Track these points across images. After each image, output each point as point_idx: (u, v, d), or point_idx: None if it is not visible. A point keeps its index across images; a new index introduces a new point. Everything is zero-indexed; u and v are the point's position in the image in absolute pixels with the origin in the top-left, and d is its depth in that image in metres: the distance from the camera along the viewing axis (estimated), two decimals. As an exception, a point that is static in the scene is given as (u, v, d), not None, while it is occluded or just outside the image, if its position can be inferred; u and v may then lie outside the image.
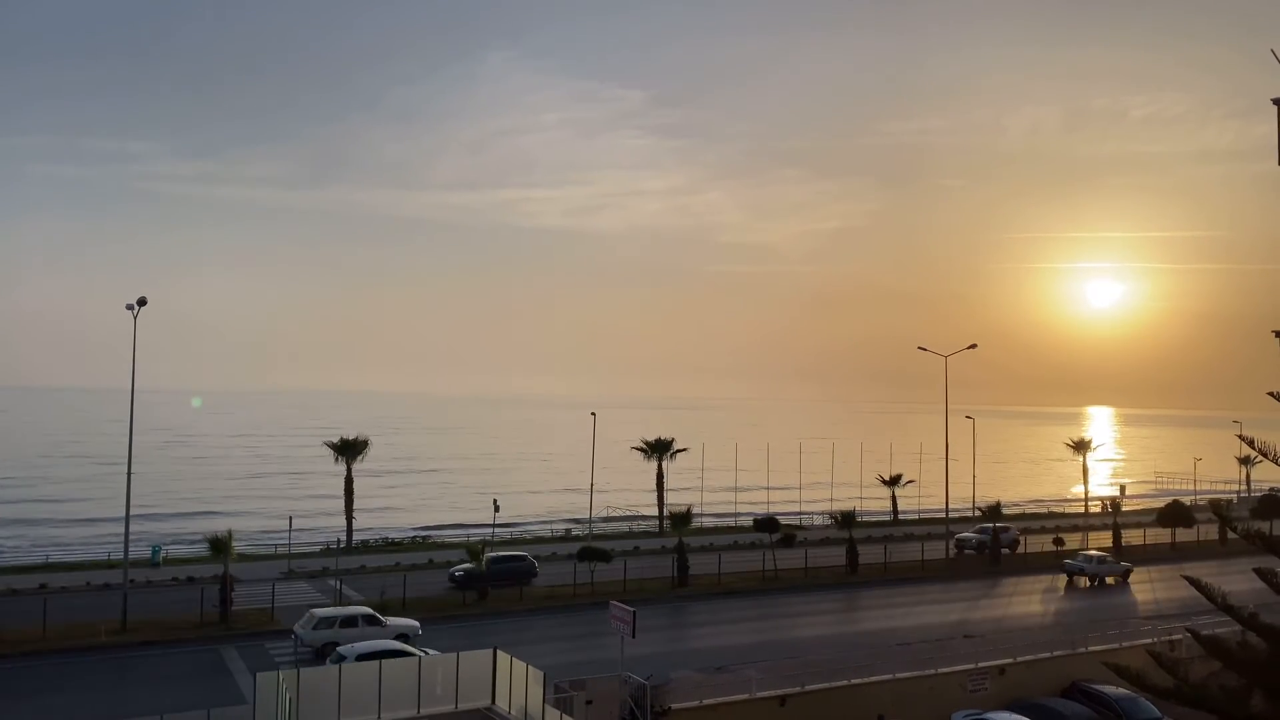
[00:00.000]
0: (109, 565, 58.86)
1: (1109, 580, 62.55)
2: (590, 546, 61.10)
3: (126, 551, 48.14)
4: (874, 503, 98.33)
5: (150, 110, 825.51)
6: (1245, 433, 29.15)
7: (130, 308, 45.68)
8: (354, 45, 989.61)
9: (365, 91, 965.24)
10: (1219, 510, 36.13)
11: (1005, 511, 78.41)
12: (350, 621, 39.93)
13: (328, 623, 39.86)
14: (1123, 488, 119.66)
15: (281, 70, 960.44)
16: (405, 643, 36.88)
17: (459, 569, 53.86)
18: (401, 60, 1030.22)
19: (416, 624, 41.81)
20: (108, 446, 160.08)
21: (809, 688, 34.74)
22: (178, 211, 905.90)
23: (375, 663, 28.97)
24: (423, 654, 33.34)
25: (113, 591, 48.21)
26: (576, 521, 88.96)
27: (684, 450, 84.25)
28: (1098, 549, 68.88)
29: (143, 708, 30.98)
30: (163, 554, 62.74)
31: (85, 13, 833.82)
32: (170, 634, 42.69)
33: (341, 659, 33.59)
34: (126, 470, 47.49)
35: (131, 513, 48.70)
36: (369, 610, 41.33)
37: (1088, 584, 62.11)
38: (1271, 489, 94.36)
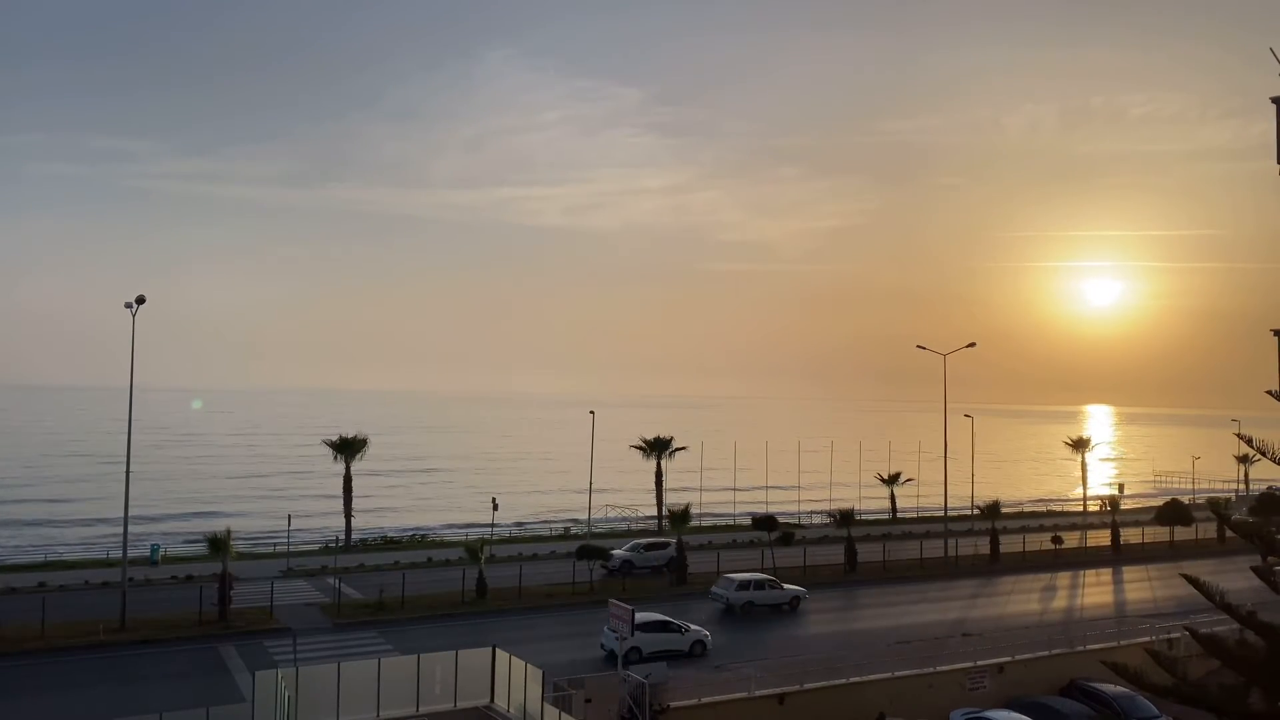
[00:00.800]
0: (108, 564, 58.83)
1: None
2: (589, 545, 61.14)
3: (125, 550, 48.09)
4: (873, 501, 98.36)
5: (148, 109, 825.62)
6: (1243, 431, 29.11)
7: (129, 306, 45.64)
8: (352, 44, 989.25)
9: (364, 90, 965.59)
10: (1217, 509, 36.13)
11: (1004, 510, 78.42)
12: (759, 585, 51.00)
13: (744, 586, 50.51)
14: (1121, 486, 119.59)
15: (280, 69, 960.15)
16: (796, 604, 51.20)
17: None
18: (400, 59, 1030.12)
19: (805, 590, 52.43)
20: (106, 445, 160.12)
21: (808, 686, 34.75)
22: (176, 210, 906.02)
23: (374, 661, 29.00)
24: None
25: (111, 590, 48.21)
26: (575, 520, 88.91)
27: (683, 449, 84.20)
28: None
29: (142, 706, 30.98)
30: (161, 552, 62.70)
31: (83, 12, 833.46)
32: (169, 632, 42.67)
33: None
34: (125, 468, 47.48)
35: (130, 512, 48.67)
36: (771, 577, 52.51)
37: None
38: (1270, 487, 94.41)
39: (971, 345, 74.90)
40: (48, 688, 35.64)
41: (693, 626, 42.30)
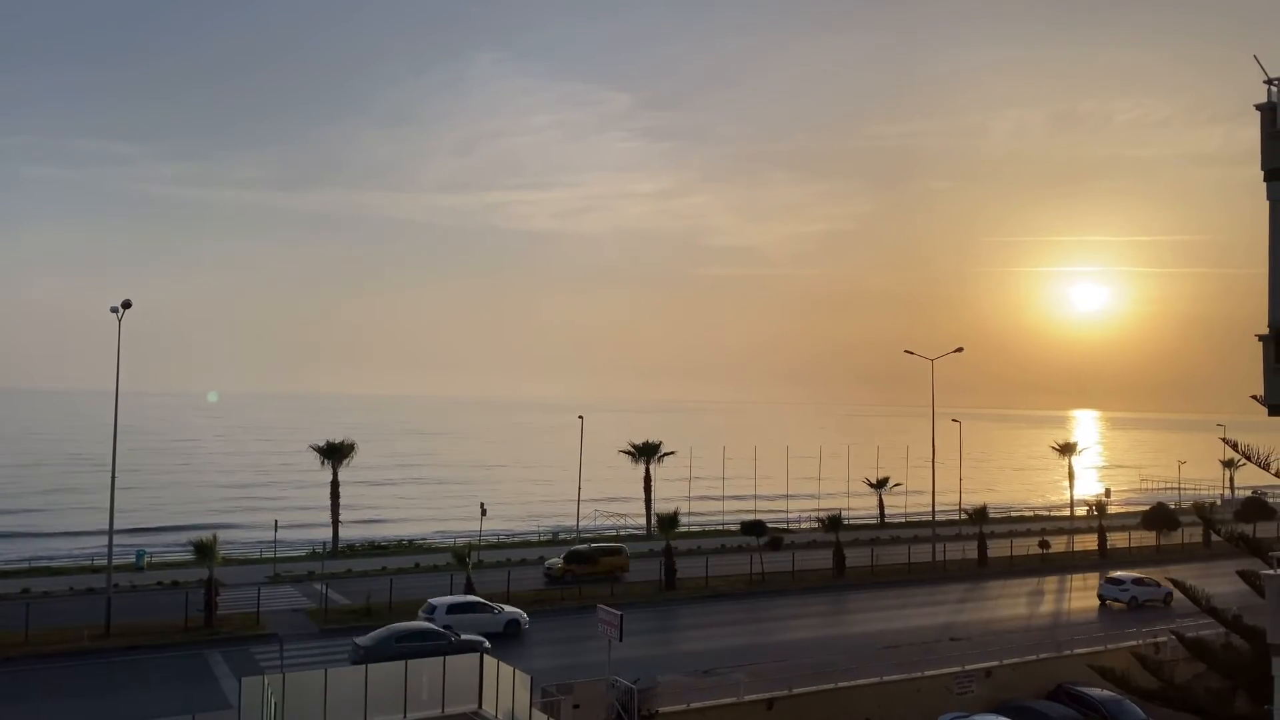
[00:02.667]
0: (92, 569, 58.45)
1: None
2: (577, 550, 61.05)
3: (110, 555, 47.82)
4: (861, 505, 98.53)
5: (138, 112, 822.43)
6: (1229, 436, 29.31)
7: (114, 311, 45.40)
8: (343, 48, 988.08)
9: (355, 94, 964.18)
10: (1203, 513, 36.36)
11: (992, 515, 78.63)
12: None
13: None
14: (1108, 491, 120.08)
15: (270, 73, 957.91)
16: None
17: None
18: (390, 63, 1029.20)
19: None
20: (93, 450, 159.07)
21: (796, 691, 34.77)
22: (166, 213, 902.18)
23: (361, 668, 28.90)
24: None
25: (97, 596, 47.86)
26: (564, 526, 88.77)
27: (672, 453, 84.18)
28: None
29: (127, 713, 30.84)
30: (147, 558, 62.33)
31: (74, 16, 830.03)
32: (155, 638, 42.39)
33: None
34: (110, 473, 47.21)
35: (116, 517, 48.41)
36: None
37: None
38: (1255, 492, 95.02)
39: (959, 350, 75.19)
40: (32, 695, 35.35)
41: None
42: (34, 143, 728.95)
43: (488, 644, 39.04)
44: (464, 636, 39.76)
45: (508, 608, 45.92)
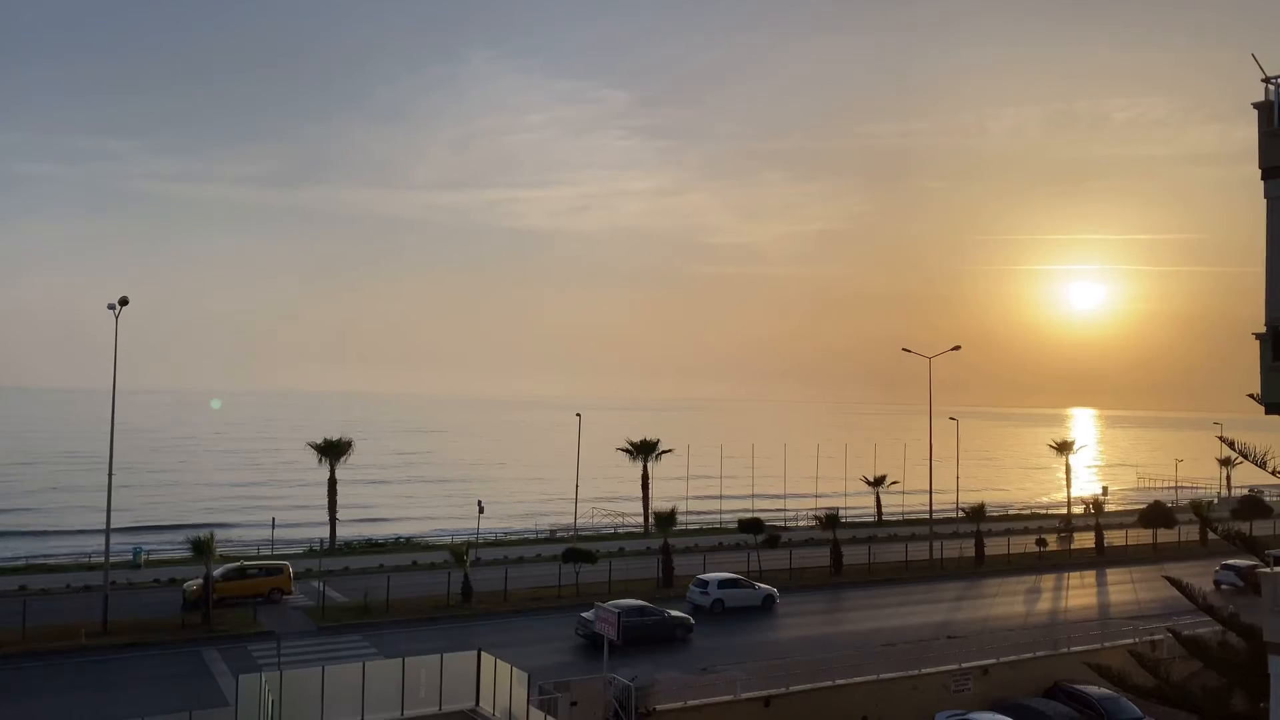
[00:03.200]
0: (89, 567, 58.40)
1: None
2: (575, 548, 61.02)
3: (108, 553, 47.78)
4: (858, 502, 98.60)
5: (132, 109, 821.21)
6: (1226, 434, 29.36)
7: (111, 308, 45.34)
8: (338, 45, 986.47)
9: (349, 91, 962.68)
10: (1200, 511, 36.40)
11: (989, 513, 78.72)
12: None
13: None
14: (1105, 489, 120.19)
15: (265, 69, 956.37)
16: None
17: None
18: (385, 60, 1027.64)
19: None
20: (88, 448, 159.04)
21: (793, 689, 34.78)
22: (160, 211, 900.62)
23: (358, 664, 28.87)
24: None
25: (94, 593, 47.86)
26: (561, 523, 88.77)
27: (669, 451, 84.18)
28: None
29: (124, 710, 30.80)
30: (144, 555, 62.29)
31: (66, 11, 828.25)
32: (152, 636, 42.35)
33: None
34: (108, 470, 47.18)
35: (113, 514, 48.37)
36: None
37: None
38: (1251, 489, 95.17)
39: (956, 349, 75.24)
40: (29, 692, 35.32)
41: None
42: (27, 139, 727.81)
43: (692, 621, 45.39)
44: (672, 613, 44.89)
45: (764, 585, 52.90)
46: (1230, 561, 60.59)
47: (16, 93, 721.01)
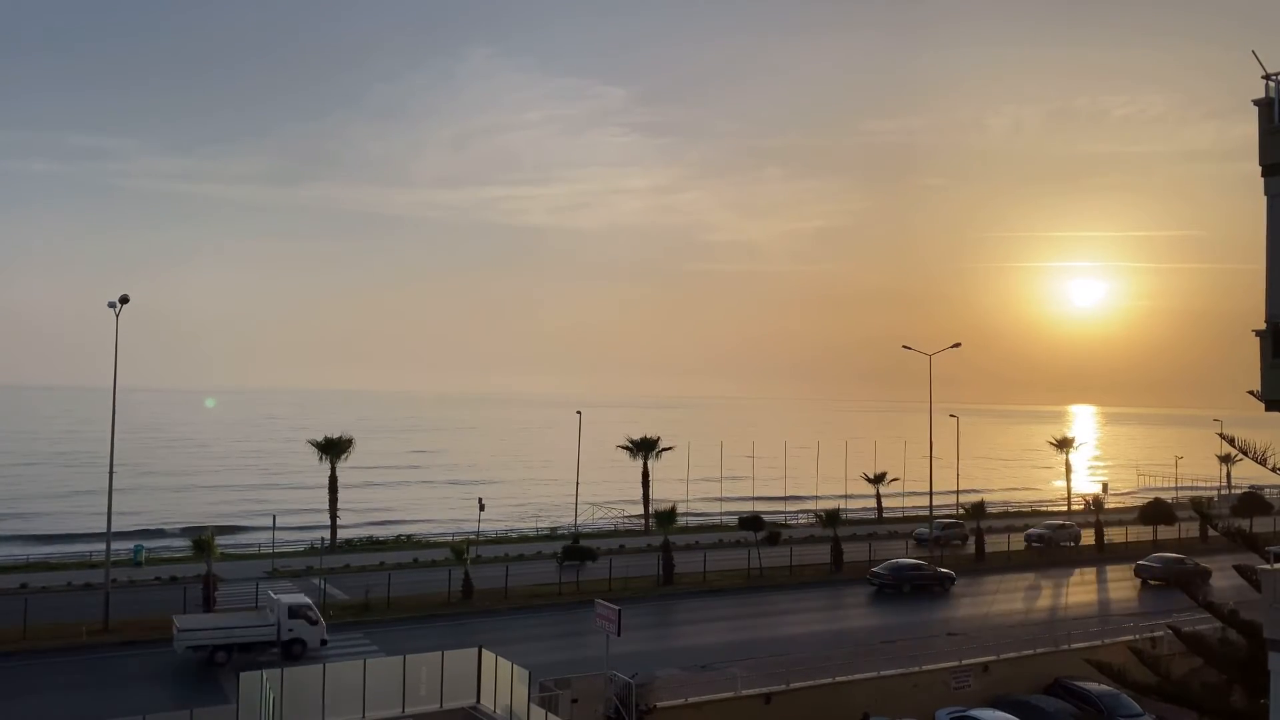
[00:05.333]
0: (91, 565, 58.43)
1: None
2: (575, 545, 61.12)
3: (109, 551, 47.82)
4: (859, 500, 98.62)
5: (128, 106, 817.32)
6: (1226, 431, 29.34)
7: (112, 306, 45.35)
8: (335, 42, 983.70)
9: (347, 88, 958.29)
10: (1200, 508, 36.41)
11: (989, 510, 78.78)
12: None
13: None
14: (1105, 485, 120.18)
15: (262, 67, 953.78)
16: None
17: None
18: (383, 57, 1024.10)
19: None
20: (85, 446, 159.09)
21: (794, 685, 34.81)
22: (158, 209, 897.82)
23: (359, 662, 28.91)
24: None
25: (95, 591, 47.89)
26: (562, 521, 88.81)
27: (669, 449, 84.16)
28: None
29: (125, 708, 30.82)
30: (145, 554, 62.35)
31: (63, 8, 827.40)
32: (153, 634, 42.31)
33: None
34: (109, 469, 47.19)
35: (114, 513, 48.41)
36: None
37: None
38: (1251, 487, 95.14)
39: (957, 345, 75.17)
40: (30, 689, 35.39)
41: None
42: (26, 137, 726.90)
43: (954, 575, 57.96)
44: (941, 570, 57.78)
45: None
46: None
47: (11, 90, 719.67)
